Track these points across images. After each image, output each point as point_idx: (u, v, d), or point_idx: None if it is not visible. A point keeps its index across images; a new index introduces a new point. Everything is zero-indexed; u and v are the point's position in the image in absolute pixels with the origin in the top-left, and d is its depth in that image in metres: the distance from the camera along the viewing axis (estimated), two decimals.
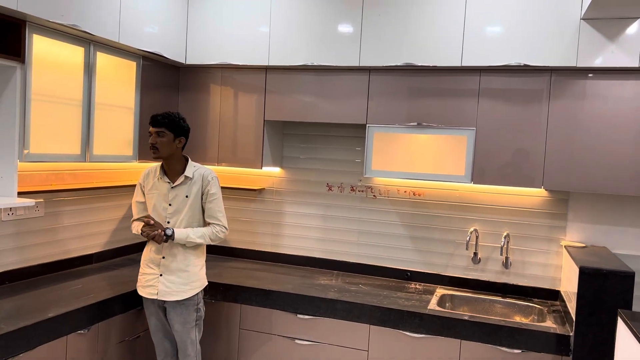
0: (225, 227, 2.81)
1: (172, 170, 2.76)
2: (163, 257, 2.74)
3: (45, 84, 2.65)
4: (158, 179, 2.78)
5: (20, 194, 2.60)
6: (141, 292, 2.81)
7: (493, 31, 2.97)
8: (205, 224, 2.80)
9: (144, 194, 2.82)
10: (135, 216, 2.86)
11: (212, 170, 2.84)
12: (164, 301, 2.75)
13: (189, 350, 2.77)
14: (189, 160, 2.82)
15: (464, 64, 3.01)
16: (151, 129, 2.70)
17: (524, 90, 2.98)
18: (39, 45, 2.59)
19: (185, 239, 2.70)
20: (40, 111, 2.64)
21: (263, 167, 3.55)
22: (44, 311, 2.46)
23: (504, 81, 3.01)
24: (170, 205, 2.75)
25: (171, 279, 2.73)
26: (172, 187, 2.75)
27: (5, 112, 2.49)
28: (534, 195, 3.26)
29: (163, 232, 2.66)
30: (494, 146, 3.02)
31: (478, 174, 3.05)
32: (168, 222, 2.74)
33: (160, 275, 2.74)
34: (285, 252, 3.81)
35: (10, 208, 2.82)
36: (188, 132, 2.79)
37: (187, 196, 2.74)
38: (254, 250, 3.87)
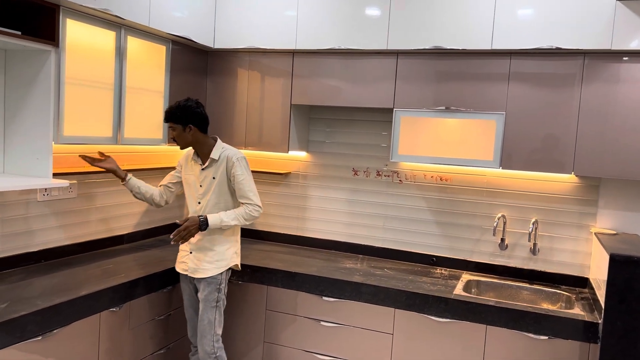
0: (258, 206, 2.79)
1: (202, 153, 2.83)
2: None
3: (78, 67, 2.70)
4: (193, 161, 2.86)
5: (54, 175, 2.66)
6: (176, 267, 2.93)
7: (525, 13, 2.91)
8: (236, 205, 2.84)
9: (179, 172, 2.97)
10: (162, 182, 3.03)
11: (239, 151, 2.85)
12: (194, 278, 2.82)
13: (206, 331, 2.79)
14: (217, 141, 2.85)
15: (494, 48, 2.96)
16: None
17: (555, 74, 2.92)
18: (72, 30, 2.64)
19: (220, 223, 2.73)
20: (74, 94, 2.70)
21: (289, 151, 3.57)
22: (78, 289, 2.54)
23: (535, 65, 2.95)
24: (200, 186, 2.83)
25: (199, 257, 2.81)
26: (202, 169, 2.82)
27: (40, 96, 2.55)
28: (564, 181, 3.21)
29: (197, 226, 2.70)
30: (523, 131, 2.98)
31: (507, 159, 3.01)
32: (199, 203, 2.82)
33: (190, 252, 2.83)
34: (311, 236, 3.84)
35: (46, 189, 2.91)
36: (196, 117, 2.76)
37: (214, 177, 2.79)
38: (280, 233, 3.91)
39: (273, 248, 3.74)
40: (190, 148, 2.88)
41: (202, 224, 2.70)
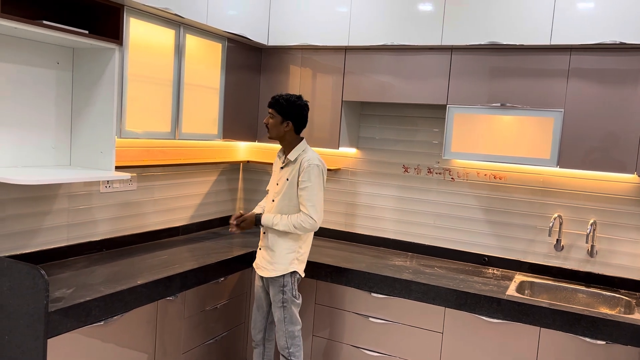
0: (311, 218, 2.70)
1: (286, 151, 2.85)
2: (264, 232, 2.88)
3: (139, 64, 2.81)
4: (278, 157, 2.91)
5: (116, 168, 2.77)
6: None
7: (586, 7, 2.81)
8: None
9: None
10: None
11: (318, 157, 2.79)
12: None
13: (278, 328, 2.85)
14: (301, 143, 2.83)
15: (553, 43, 2.88)
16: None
17: (618, 70, 2.81)
18: (135, 28, 2.75)
19: (271, 225, 2.77)
20: (135, 91, 2.81)
21: (339, 148, 3.59)
22: (137, 277, 2.65)
23: (596, 60, 2.85)
24: (277, 184, 2.86)
25: (264, 255, 2.88)
26: (281, 168, 2.85)
27: (105, 92, 2.66)
28: (625, 181, 3.08)
29: (253, 223, 2.85)
30: (583, 129, 2.88)
31: (565, 158, 2.93)
32: (273, 201, 2.86)
33: (260, 248, 2.90)
34: (360, 232, 3.85)
35: (108, 181, 3.04)
36: (297, 117, 2.79)
37: (287, 179, 2.80)
38: (329, 229, 3.94)
39: (322, 243, 3.78)
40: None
41: (256, 221, 2.82)
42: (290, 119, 2.79)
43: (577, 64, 2.89)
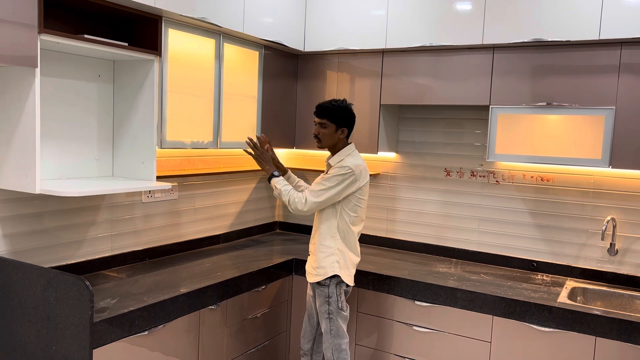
0: (305, 202, 2.62)
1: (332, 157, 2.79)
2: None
3: (179, 75, 2.82)
4: (326, 163, 2.83)
5: (157, 178, 2.79)
6: None
7: None
8: (339, 222, 2.74)
9: None
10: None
11: (358, 164, 2.67)
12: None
13: (324, 339, 2.79)
14: (346, 147, 2.75)
15: (602, 38, 2.74)
16: (315, 119, 2.74)
17: None
18: (174, 39, 2.76)
19: (274, 184, 2.71)
20: (176, 101, 2.82)
21: (378, 152, 3.53)
22: (179, 286, 2.65)
23: None
24: None
25: (309, 260, 2.85)
26: (325, 173, 2.77)
27: (145, 103, 2.68)
28: None
29: (265, 167, 2.77)
30: (637, 127, 2.73)
31: (617, 158, 2.78)
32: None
33: (309, 254, 2.87)
34: (401, 238, 3.77)
35: (150, 191, 3.07)
36: (351, 122, 2.74)
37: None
38: (369, 235, 3.87)
39: (363, 250, 3.68)
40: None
41: (274, 172, 2.75)
42: (345, 125, 2.73)
43: (628, 58, 2.74)
